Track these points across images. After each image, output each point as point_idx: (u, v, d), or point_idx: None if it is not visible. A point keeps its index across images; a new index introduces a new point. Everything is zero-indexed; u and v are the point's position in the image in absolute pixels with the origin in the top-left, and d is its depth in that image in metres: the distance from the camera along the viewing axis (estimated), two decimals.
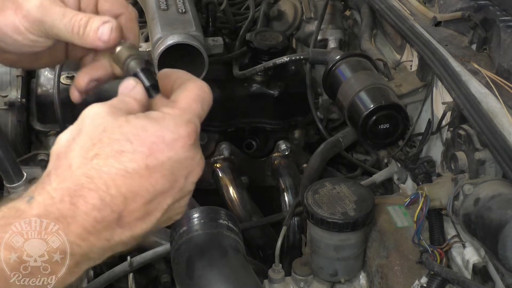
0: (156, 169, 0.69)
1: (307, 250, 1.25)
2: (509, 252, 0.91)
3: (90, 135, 0.69)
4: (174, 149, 0.70)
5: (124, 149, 0.68)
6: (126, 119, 0.70)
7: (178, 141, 0.70)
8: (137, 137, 0.69)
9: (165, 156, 0.69)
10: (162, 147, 0.69)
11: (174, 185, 0.71)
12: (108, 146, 0.68)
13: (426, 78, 1.35)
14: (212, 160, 1.74)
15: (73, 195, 0.66)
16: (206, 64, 1.48)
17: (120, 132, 0.69)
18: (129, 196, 0.68)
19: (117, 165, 0.68)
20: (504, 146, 0.97)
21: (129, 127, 0.69)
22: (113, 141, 0.68)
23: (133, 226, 0.70)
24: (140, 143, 0.68)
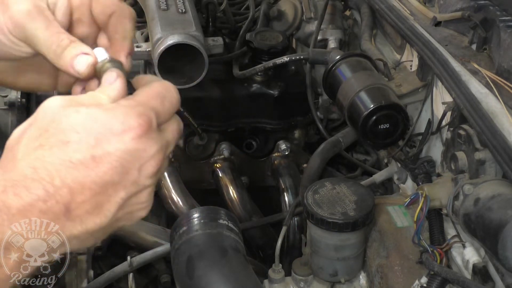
0: (103, 160, 0.67)
1: (307, 250, 1.25)
2: (509, 252, 0.91)
3: (39, 125, 0.68)
4: (122, 140, 0.68)
5: (69, 139, 0.66)
6: (76, 109, 0.68)
7: (128, 132, 0.68)
8: (84, 127, 0.67)
9: (113, 147, 0.67)
10: (109, 137, 0.67)
11: (125, 177, 0.68)
12: (54, 136, 0.67)
13: (426, 78, 1.35)
14: (212, 160, 1.74)
15: (16, 186, 0.65)
16: (206, 64, 1.48)
17: (67, 122, 0.67)
18: (75, 187, 0.66)
19: (61, 155, 0.66)
20: (504, 146, 0.97)
21: (77, 117, 0.67)
22: (59, 131, 0.67)
23: (84, 220, 0.67)
24: (87, 133, 0.67)
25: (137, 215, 0.73)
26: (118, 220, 0.71)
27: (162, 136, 0.73)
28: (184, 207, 1.56)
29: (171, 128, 0.75)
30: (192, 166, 1.73)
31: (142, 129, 0.69)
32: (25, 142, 0.67)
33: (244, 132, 1.80)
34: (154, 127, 0.70)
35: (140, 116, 0.69)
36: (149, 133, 0.69)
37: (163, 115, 0.73)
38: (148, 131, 0.69)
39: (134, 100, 0.71)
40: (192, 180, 1.70)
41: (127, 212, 0.71)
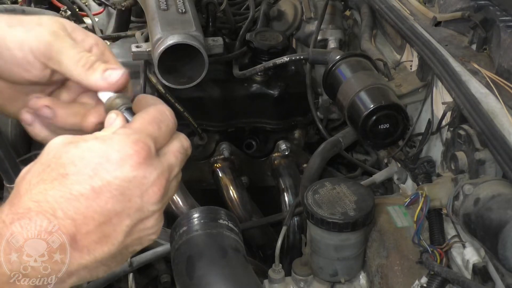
0: (102, 190, 0.67)
1: (307, 250, 1.25)
2: (509, 252, 0.91)
3: (42, 162, 0.70)
4: (120, 168, 0.68)
5: (68, 171, 0.67)
6: (75, 145, 0.69)
7: (125, 160, 0.68)
8: (82, 159, 0.68)
9: (111, 176, 0.68)
10: (107, 166, 0.68)
11: (128, 205, 0.69)
12: (54, 171, 0.68)
13: (426, 78, 1.35)
14: (212, 160, 1.74)
15: (22, 218, 0.66)
16: (206, 64, 1.48)
17: (66, 156, 0.68)
18: (78, 219, 0.67)
19: (61, 188, 0.67)
20: (504, 146, 0.97)
21: (75, 150, 0.69)
22: (59, 165, 0.68)
23: (92, 250, 0.68)
24: (84, 165, 0.68)
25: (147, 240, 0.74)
26: (127, 247, 0.72)
27: (163, 161, 0.72)
28: (184, 207, 1.56)
29: (172, 150, 0.75)
30: (192, 166, 1.73)
31: (140, 156, 0.69)
32: (28, 178, 0.69)
33: (244, 132, 1.80)
34: (152, 153, 0.70)
35: (136, 143, 0.69)
36: (147, 160, 0.70)
37: (161, 139, 0.73)
38: (146, 158, 0.69)
39: (130, 128, 0.71)
40: (192, 180, 1.71)
41: (135, 238, 0.72)
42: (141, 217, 0.71)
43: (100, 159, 0.68)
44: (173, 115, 0.76)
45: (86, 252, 0.68)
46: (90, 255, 0.69)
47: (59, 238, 0.67)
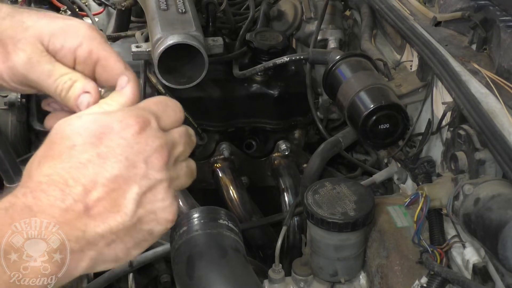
0: (108, 156, 0.70)
1: (307, 250, 1.25)
2: (509, 252, 0.91)
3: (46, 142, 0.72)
4: (123, 137, 0.71)
5: (75, 143, 0.70)
6: (78, 116, 0.73)
7: (127, 130, 0.71)
8: (86, 129, 0.71)
9: (115, 143, 0.71)
10: (111, 135, 0.71)
11: (133, 171, 0.71)
12: (60, 145, 0.70)
13: (426, 78, 1.35)
14: (212, 160, 1.74)
15: (34, 191, 0.68)
16: (206, 64, 1.48)
17: (70, 129, 0.71)
18: (88, 185, 0.69)
19: (70, 159, 0.69)
20: (504, 146, 0.97)
21: (79, 121, 0.72)
22: (64, 138, 0.71)
23: (105, 218, 0.70)
24: (89, 134, 0.71)
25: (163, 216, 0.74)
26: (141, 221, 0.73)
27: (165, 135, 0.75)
28: (184, 207, 1.56)
29: (175, 130, 0.77)
30: None
31: (140, 126, 0.72)
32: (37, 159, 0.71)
33: (244, 132, 1.80)
34: (153, 126, 0.73)
35: (138, 116, 0.73)
36: (148, 130, 0.73)
37: (165, 120, 0.76)
38: (148, 128, 0.73)
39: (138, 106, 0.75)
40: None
41: (148, 210, 0.73)
42: (149, 184, 0.72)
43: (104, 129, 0.71)
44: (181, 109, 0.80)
45: (100, 219, 0.69)
46: (104, 223, 0.70)
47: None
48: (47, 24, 0.81)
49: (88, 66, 0.81)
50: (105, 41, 0.83)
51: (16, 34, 0.80)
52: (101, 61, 0.81)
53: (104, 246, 0.71)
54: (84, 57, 0.80)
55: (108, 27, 2.37)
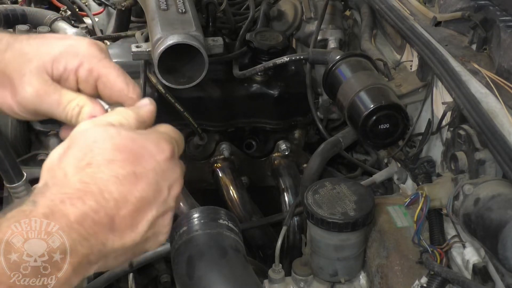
0: (142, 177, 0.74)
1: (307, 250, 1.25)
2: (509, 252, 0.91)
3: (81, 146, 0.74)
4: (157, 161, 0.76)
5: (114, 158, 0.73)
6: (117, 131, 0.76)
7: (161, 154, 0.76)
8: (126, 147, 0.74)
9: (150, 166, 0.75)
10: (147, 157, 0.75)
11: (158, 196, 0.75)
12: (100, 155, 0.73)
13: (426, 78, 1.35)
14: (212, 160, 1.74)
15: (72, 198, 0.70)
16: (206, 64, 1.48)
17: (111, 143, 0.74)
18: (120, 201, 0.72)
19: (109, 172, 0.72)
20: (504, 146, 0.97)
21: (119, 138, 0.75)
22: (104, 150, 0.73)
23: (123, 234, 0.73)
24: (129, 153, 0.74)
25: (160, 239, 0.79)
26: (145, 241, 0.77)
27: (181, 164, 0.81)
28: (184, 207, 1.56)
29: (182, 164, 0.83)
30: (192, 166, 1.73)
31: (171, 152, 0.78)
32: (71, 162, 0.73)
33: (244, 132, 1.80)
34: (176, 154, 0.80)
35: (168, 142, 0.78)
36: (174, 158, 0.79)
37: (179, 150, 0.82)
38: (174, 156, 0.79)
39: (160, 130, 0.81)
40: (192, 180, 1.70)
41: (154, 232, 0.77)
42: (164, 210, 0.77)
43: (142, 150, 0.75)
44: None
45: (118, 236, 0.72)
46: (121, 240, 0.73)
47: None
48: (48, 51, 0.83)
49: (90, 84, 0.84)
50: (105, 56, 0.85)
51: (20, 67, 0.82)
52: (101, 78, 0.83)
53: (113, 259, 0.74)
54: (86, 76, 0.83)
55: (108, 27, 2.38)
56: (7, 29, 2.21)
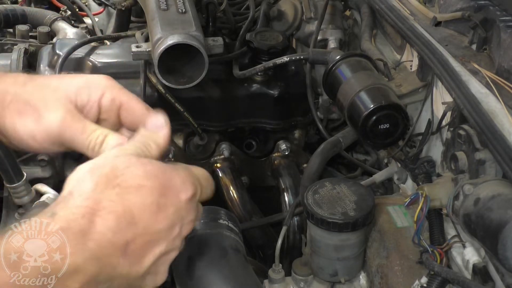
0: (162, 209, 0.75)
1: (307, 250, 1.25)
2: (509, 252, 0.91)
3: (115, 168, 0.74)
4: (179, 197, 0.77)
5: (144, 184, 0.74)
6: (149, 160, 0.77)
7: (184, 193, 0.77)
8: (156, 177, 0.75)
9: (172, 200, 0.76)
10: (172, 191, 0.76)
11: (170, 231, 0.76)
12: (131, 180, 0.74)
13: (426, 78, 1.35)
14: (212, 160, 1.74)
15: (94, 214, 0.70)
16: (206, 64, 1.48)
17: (143, 170, 0.75)
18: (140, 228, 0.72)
19: (135, 196, 0.73)
20: (504, 146, 0.97)
21: (151, 167, 0.76)
22: (135, 176, 0.74)
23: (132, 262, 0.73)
24: (157, 183, 0.75)
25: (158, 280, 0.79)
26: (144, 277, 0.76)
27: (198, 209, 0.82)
28: None
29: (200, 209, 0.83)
30: None
31: (193, 194, 0.78)
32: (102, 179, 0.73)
33: (244, 132, 1.80)
34: (197, 198, 0.80)
35: (193, 183, 0.79)
36: (194, 201, 0.79)
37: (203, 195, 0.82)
38: (194, 199, 0.79)
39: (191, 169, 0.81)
40: None
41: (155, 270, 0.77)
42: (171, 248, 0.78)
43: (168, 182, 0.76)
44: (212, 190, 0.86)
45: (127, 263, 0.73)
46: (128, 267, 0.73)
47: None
48: (71, 82, 0.85)
49: (113, 112, 0.85)
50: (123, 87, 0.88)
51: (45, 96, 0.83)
52: (124, 105, 0.85)
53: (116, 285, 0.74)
54: (109, 104, 0.85)
55: (108, 27, 2.38)
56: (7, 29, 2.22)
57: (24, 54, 1.75)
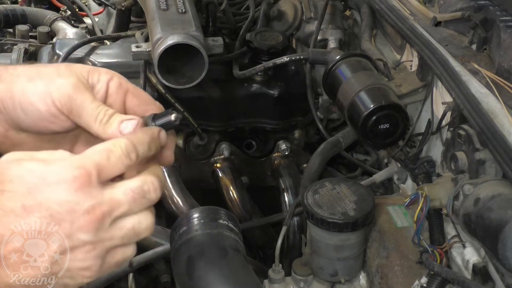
0: (33, 209, 0.67)
1: (307, 250, 1.26)
2: (509, 252, 0.91)
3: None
4: (54, 191, 0.68)
5: (5, 188, 0.68)
6: (19, 163, 0.70)
7: (60, 184, 0.68)
8: (19, 177, 0.68)
9: (44, 197, 0.68)
10: (42, 188, 0.68)
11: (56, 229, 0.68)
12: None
13: (426, 78, 1.35)
14: (212, 160, 1.74)
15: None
16: (206, 64, 1.48)
17: (6, 173, 0.69)
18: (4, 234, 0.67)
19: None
20: (504, 146, 0.97)
21: (17, 168, 0.69)
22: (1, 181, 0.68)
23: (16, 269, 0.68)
24: (20, 183, 0.68)
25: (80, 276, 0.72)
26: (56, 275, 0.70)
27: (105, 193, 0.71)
28: (184, 207, 1.56)
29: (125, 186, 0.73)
30: (192, 166, 1.73)
31: (76, 181, 0.69)
32: None
33: (244, 132, 1.80)
34: (92, 181, 0.70)
35: (76, 169, 0.69)
36: (84, 187, 0.69)
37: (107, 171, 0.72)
38: (84, 184, 0.69)
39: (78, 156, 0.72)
40: (192, 180, 1.70)
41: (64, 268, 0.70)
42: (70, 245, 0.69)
43: (37, 180, 0.68)
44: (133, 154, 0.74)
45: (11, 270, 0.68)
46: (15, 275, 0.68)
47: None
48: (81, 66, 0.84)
49: (119, 97, 0.83)
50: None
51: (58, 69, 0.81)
52: (130, 90, 0.84)
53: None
54: (116, 88, 0.83)
55: (108, 27, 2.37)
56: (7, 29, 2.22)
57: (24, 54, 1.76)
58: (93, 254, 0.71)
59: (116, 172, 0.72)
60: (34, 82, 0.79)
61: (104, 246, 0.72)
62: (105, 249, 0.72)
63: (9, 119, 0.81)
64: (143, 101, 0.84)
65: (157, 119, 0.81)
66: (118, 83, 0.84)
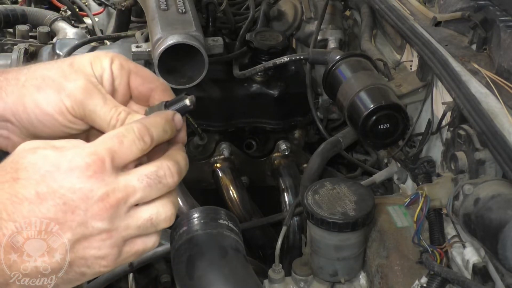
0: (46, 197, 0.67)
1: (307, 250, 1.26)
2: (509, 252, 0.91)
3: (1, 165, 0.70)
4: (67, 178, 0.68)
5: (19, 176, 0.68)
6: (34, 150, 0.70)
7: (74, 171, 0.68)
8: (34, 165, 0.68)
9: (58, 184, 0.67)
10: (56, 175, 0.68)
11: (71, 217, 0.68)
12: (8, 174, 0.68)
13: (426, 78, 1.35)
14: (212, 160, 1.74)
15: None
16: (206, 64, 1.48)
17: (22, 162, 0.69)
18: (20, 222, 0.67)
19: (10, 190, 0.67)
20: (504, 146, 0.97)
21: (31, 156, 0.69)
22: (14, 169, 0.68)
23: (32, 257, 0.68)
24: (34, 171, 0.68)
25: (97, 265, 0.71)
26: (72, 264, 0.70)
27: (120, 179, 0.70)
28: (184, 207, 1.56)
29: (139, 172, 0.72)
30: (192, 166, 1.72)
31: (89, 168, 0.68)
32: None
33: (244, 132, 1.80)
34: (106, 168, 0.69)
35: (89, 155, 0.69)
36: (98, 174, 0.69)
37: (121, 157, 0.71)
38: (97, 171, 0.68)
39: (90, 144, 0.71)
40: (192, 180, 1.70)
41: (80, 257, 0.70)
42: (85, 233, 0.69)
43: (51, 167, 0.68)
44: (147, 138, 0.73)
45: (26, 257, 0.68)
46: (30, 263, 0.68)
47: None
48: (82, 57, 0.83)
49: (123, 79, 0.82)
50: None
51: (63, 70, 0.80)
52: (133, 70, 0.83)
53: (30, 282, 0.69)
54: (119, 70, 0.82)
55: (108, 27, 2.38)
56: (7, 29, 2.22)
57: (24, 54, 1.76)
58: (108, 242, 0.70)
59: (130, 157, 0.71)
60: (44, 91, 0.79)
61: (120, 235, 0.71)
62: (122, 238, 0.71)
63: (24, 131, 0.81)
64: (146, 79, 0.83)
65: (170, 105, 0.79)
66: (119, 65, 0.83)
